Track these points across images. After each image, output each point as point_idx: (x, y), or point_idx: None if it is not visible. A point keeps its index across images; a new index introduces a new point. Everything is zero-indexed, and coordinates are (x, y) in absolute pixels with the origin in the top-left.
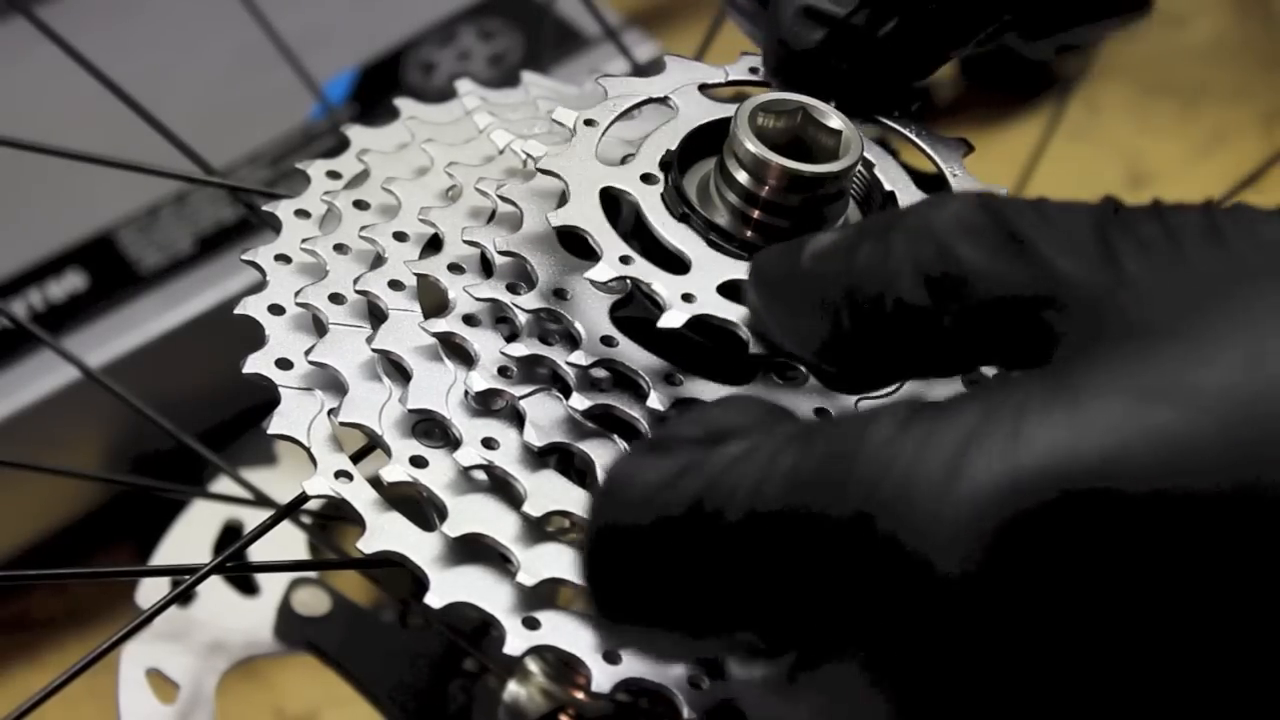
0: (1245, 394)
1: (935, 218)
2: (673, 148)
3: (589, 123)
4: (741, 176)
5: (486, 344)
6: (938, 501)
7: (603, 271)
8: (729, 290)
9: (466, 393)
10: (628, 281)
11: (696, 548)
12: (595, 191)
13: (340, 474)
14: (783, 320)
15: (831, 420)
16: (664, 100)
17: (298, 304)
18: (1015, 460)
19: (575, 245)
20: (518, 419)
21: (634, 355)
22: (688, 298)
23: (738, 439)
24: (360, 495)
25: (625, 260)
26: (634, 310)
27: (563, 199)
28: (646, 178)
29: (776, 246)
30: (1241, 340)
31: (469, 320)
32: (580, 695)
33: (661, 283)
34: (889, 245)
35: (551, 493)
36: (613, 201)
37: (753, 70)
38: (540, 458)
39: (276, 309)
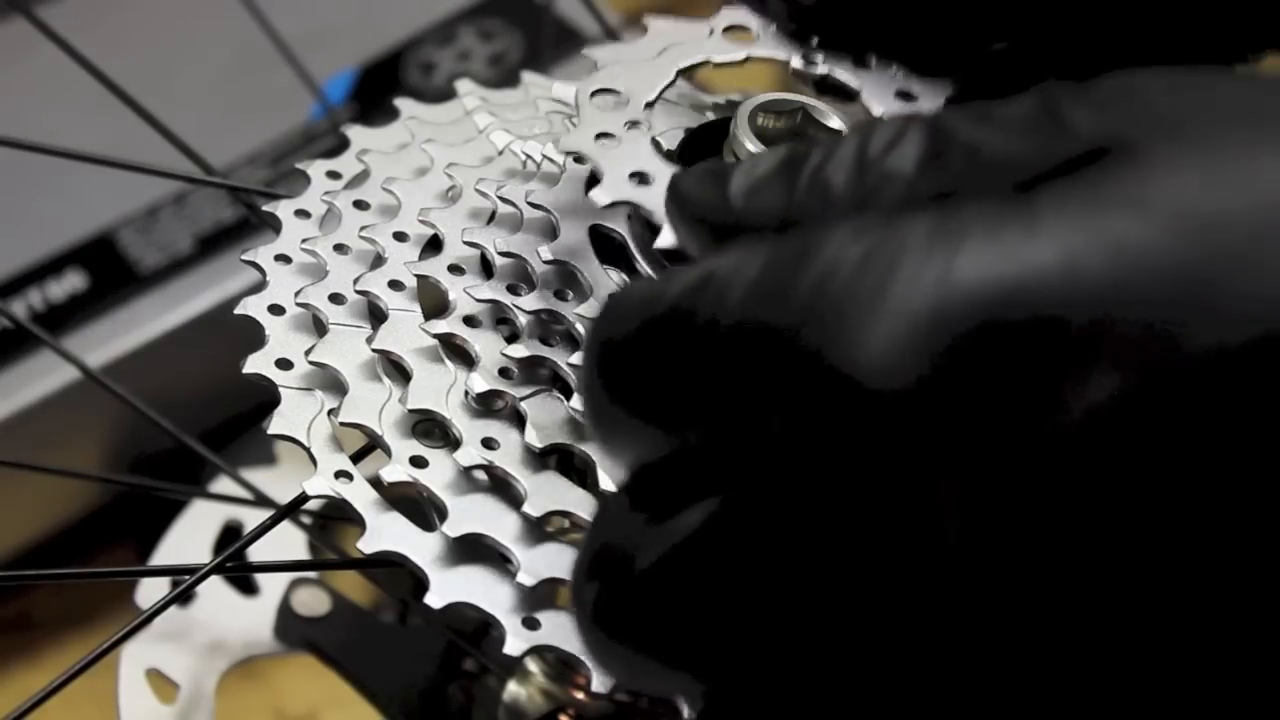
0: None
1: (871, 138)
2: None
3: (579, 159)
4: None
5: (487, 345)
6: (865, 318)
7: (593, 308)
8: None
9: (467, 393)
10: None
11: (676, 351)
12: (585, 227)
13: (340, 474)
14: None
15: (806, 228)
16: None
17: (298, 304)
18: (947, 279)
19: None
20: (518, 420)
21: None
22: None
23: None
24: (360, 495)
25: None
26: None
27: (553, 232)
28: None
29: (696, 170)
30: (1206, 160)
31: (469, 321)
32: (580, 695)
33: None
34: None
35: (552, 493)
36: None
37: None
38: (541, 458)
39: (276, 309)
